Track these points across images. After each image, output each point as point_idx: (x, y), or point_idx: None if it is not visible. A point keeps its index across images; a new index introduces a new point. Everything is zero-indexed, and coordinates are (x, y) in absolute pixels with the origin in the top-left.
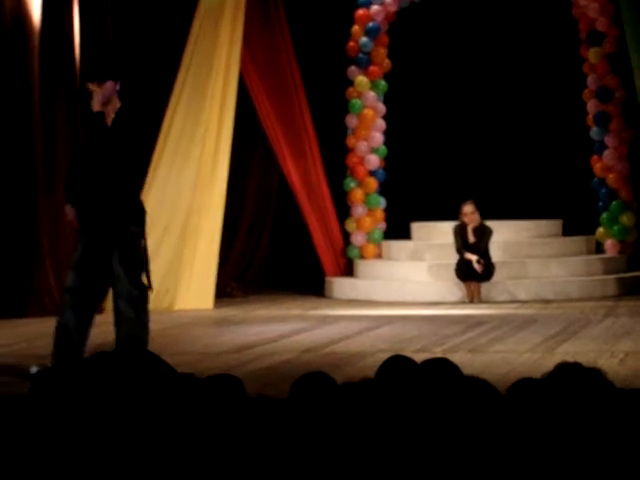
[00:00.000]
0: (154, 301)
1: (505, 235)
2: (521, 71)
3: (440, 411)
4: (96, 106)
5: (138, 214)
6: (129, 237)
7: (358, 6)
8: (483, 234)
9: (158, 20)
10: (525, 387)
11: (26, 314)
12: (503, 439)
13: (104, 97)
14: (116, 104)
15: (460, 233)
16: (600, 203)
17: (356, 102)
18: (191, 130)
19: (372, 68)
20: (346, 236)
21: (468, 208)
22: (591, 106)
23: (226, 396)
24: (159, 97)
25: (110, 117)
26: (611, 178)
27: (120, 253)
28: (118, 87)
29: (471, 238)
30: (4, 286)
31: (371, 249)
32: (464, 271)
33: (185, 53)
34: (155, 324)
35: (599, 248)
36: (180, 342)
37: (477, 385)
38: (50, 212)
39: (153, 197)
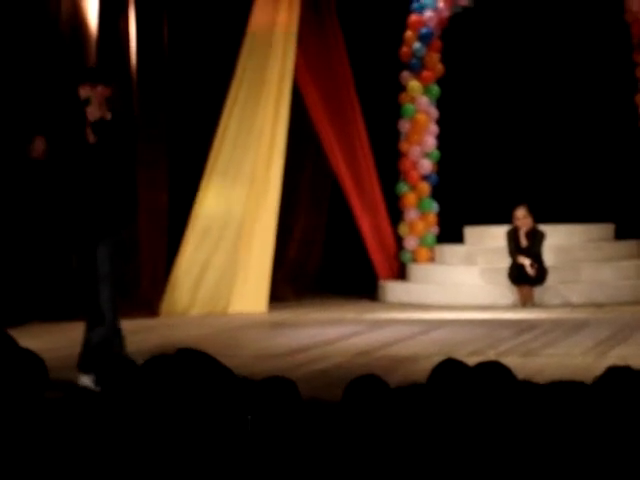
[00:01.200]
0: (208, 304)
1: (557, 239)
2: (574, 75)
3: (493, 415)
4: (96, 112)
5: (128, 216)
6: (120, 242)
7: (411, 12)
8: (535, 238)
9: (213, 26)
10: (573, 391)
11: (82, 317)
12: (556, 443)
13: (100, 101)
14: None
15: (513, 237)
16: None
17: (409, 107)
18: (245, 137)
19: (425, 73)
20: (399, 240)
21: (520, 212)
22: None
23: (280, 399)
24: (213, 104)
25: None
26: None
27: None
28: (109, 92)
29: (524, 242)
30: (61, 289)
31: (424, 253)
32: (517, 275)
33: (239, 59)
34: (209, 327)
35: None
36: (234, 345)
37: (530, 389)
38: None
39: (208, 203)
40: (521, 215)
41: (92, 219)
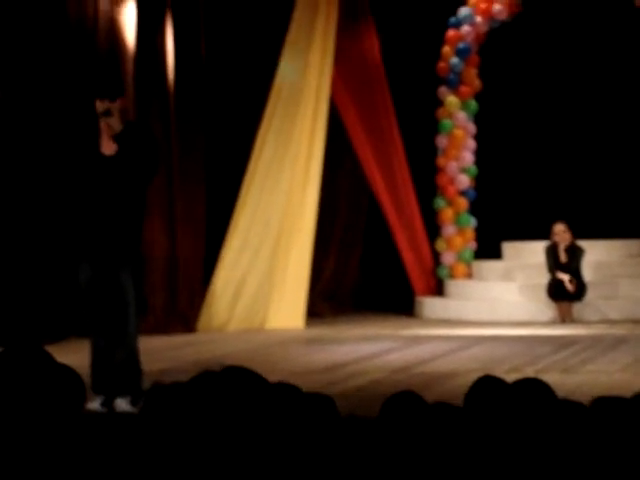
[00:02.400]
0: (245, 320)
1: (596, 255)
2: (612, 89)
3: (532, 433)
4: (118, 125)
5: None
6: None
7: (449, 26)
8: (575, 254)
9: (251, 38)
10: (610, 406)
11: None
12: (597, 461)
13: (121, 114)
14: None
15: (552, 252)
16: None
17: (446, 122)
18: (282, 152)
19: (462, 88)
20: (436, 256)
21: (559, 227)
22: None
23: (319, 415)
24: (251, 116)
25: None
26: None
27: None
28: (124, 104)
29: (563, 258)
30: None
31: (461, 269)
32: (556, 291)
33: (278, 73)
34: (246, 343)
35: None
36: (271, 361)
37: (570, 407)
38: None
39: (244, 219)
40: (560, 230)
41: (114, 240)
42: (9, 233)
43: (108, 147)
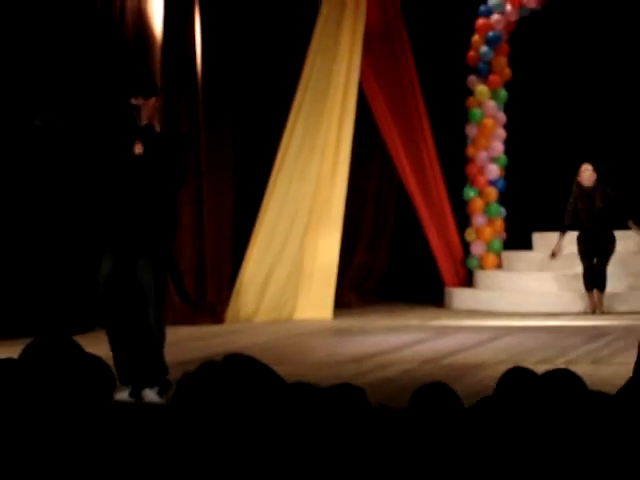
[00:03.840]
0: (274, 311)
1: (626, 245)
2: None
3: (562, 425)
4: (144, 120)
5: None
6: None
7: (478, 15)
8: (609, 197)
9: (278, 31)
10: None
11: None
12: (628, 454)
13: (149, 111)
14: (157, 119)
15: (579, 195)
16: None
17: (476, 111)
18: (310, 143)
19: (492, 77)
20: (466, 246)
21: (588, 166)
22: None
23: (351, 406)
24: (278, 110)
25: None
26: None
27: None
28: (158, 103)
29: (598, 203)
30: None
31: (491, 259)
32: (589, 279)
33: (306, 64)
34: (275, 334)
35: None
36: (300, 352)
37: (601, 399)
38: None
39: (272, 210)
40: (588, 168)
41: (137, 234)
42: (38, 224)
43: (137, 146)
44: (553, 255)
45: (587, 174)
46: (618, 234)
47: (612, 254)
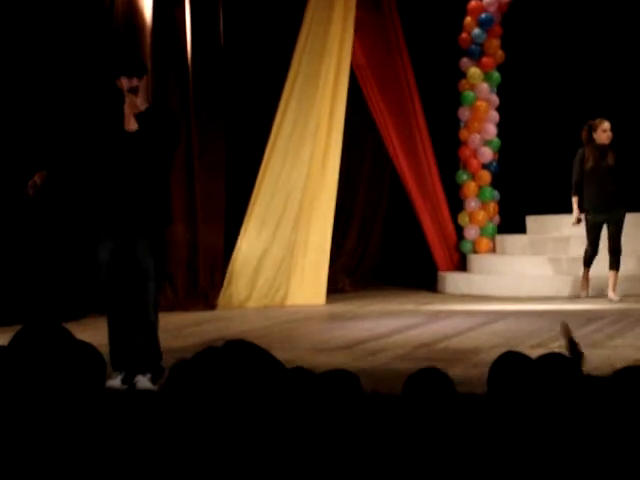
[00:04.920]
0: (266, 296)
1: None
2: (638, 61)
3: (557, 408)
4: (144, 103)
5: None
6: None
7: None
8: (615, 156)
9: (269, 15)
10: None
11: None
12: (620, 437)
13: (144, 91)
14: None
15: (590, 156)
16: None
17: (469, 94)
18: (302, 126)
19: (485, 60)
20: (459, 230)
21: (608, 125)
22: None
23: (344, 392)
24: (270, 94)
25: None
26: None
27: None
28: (146, 83)
29: (611, 160)
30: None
31: (485, 243)
32: (589, 259)
33: (296, 48)
34: (267, 320)
35: None
36: (293, 337)
37: (592, 382)
38: None
39: (264, 195)
40: (607, 128)
41: (134, 215)
42: (28, 211)
43: (131, 123)
44: (578, 221)
45: (607, 135)
46: None
47: (623, 222)
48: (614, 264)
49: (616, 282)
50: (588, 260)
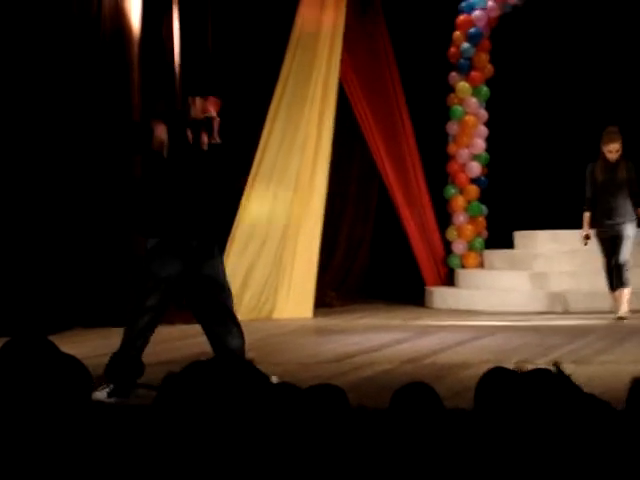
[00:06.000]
0: (253, 310)
1: None
2: (625, 75)
3: (544, 424)
4: (198, 114)
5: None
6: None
7: (460, 12)
8: (631, 170)
9: (258, 28)
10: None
11: (125, 323)
12: (606, 456)
13: (204, 108)
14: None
15: (601, 171)
16: None
17: (457, 108)
18: (290, 139)
19: (474, 74)
20: (447, 245)
21: (616, 146)
22: None
23: (330, 406)
24: (258, 106)
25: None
26: None
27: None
28: (218, 105)
29: (621, 174)
30: (103, 295)
31: (472, 258)
32: (614, 278)
33: (285, 60)
34: (255, 333)
35: None
36: (280, 351)
37: (584, 399)
38: None
39: (252, 208)
40: (615, 149)
41: (205, 235)
42: (15, 223)
43: (204, 144)
44: (587, 237)
45: (612, 156)
46: None
47: (630, 238)
48: (619, 281)
49: (625, 298)
50: (609, 280)
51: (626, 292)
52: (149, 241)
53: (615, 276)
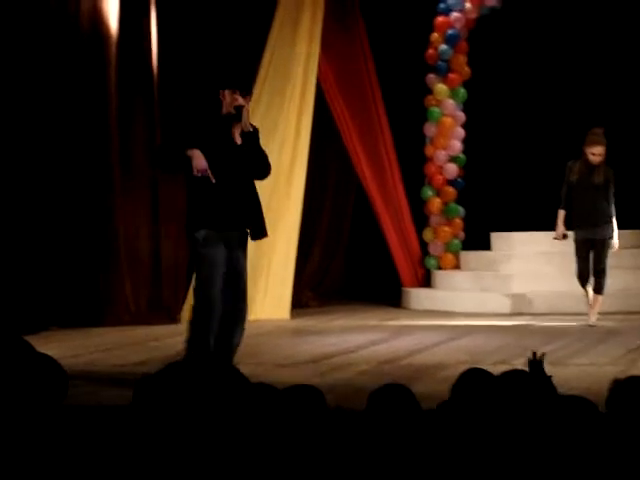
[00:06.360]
0: None
1: None
2: (603, 76)
3: (519, 424)
4: (229, 107)
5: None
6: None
7: (437, 13)
8: (610, 174)
9: (235, 30)
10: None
11: (102, 323)
12: (581, 452)
13: (233, 100)
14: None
15: (577, 171)
16: None
17: (435, 110)
18: (268, 140)
19: (451, 76)
20: (424, 246)
21: (599, 149)
22: None
23: (308, 407)
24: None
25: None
26: None
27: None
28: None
29: (598, 178)
30: (80, 295)
31: (449, 259)
32: (584, 277)
33: (262, 62)
34: None
35: None
36: (257, 352)
37: (553, 400)
38: (127, 223)
39: None
40: (599, 152)
41: (245, 224)
42: None
43: (237, 138)
44: (564, 237)
45: (594, 159)
46: None
47: (609, 245)
48: (597, 287)
49: (598, 306)
50: (583, 282)
51: (600, 300)
52: (199, 233)
53: (595, 282)
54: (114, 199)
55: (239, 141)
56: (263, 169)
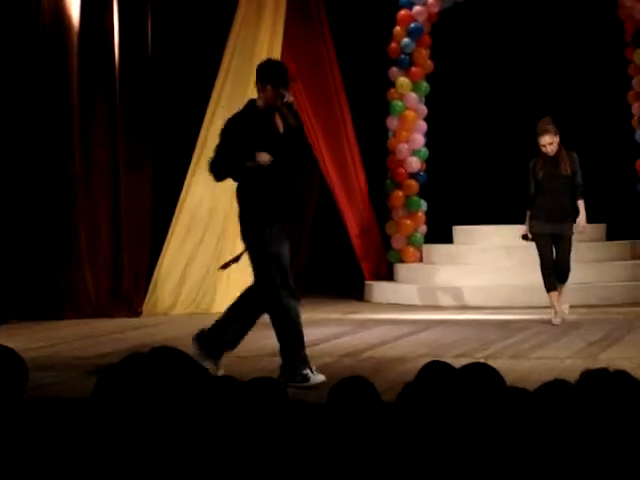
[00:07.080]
0: (192, 304)
1: None
2: (565, 73)
3: (479, 418)
4: (271, 101)
5: None
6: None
7: (400, 7)
8: (574, 162)
9: (197, 22)
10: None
11: (62, 316)
12: (542, 445)
13: (278, 95)
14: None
15: (542, 166)
16: None
17: (397, 104)
18: None
19: (414, 69)
20: (386, 239)
21: (547, 139)
22: (636, 108)
23: (269, 400)
24: (197, 100)
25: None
26: None
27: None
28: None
29: (564, 168)
30: (40, 288)
31: (411, 253)
32: (550, 273)
33: (224, 55)
34: (193, 327)
35: None
36: None
37: (517, 392)
38: (87, 214)
39: (191, 201)
40: (547, 142)
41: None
42: None
43: (280, 127)
44: (525, 237)
45: (546, 149)
46: None
47: (571, 237)
48: (563, 278)
49: (561, 304)
50: (547, 280)
51: (563, 292)
52: (271, 229)
53: (560, 276)
54: (75, 189)
55: (282, 130)
56: (307, 160)
